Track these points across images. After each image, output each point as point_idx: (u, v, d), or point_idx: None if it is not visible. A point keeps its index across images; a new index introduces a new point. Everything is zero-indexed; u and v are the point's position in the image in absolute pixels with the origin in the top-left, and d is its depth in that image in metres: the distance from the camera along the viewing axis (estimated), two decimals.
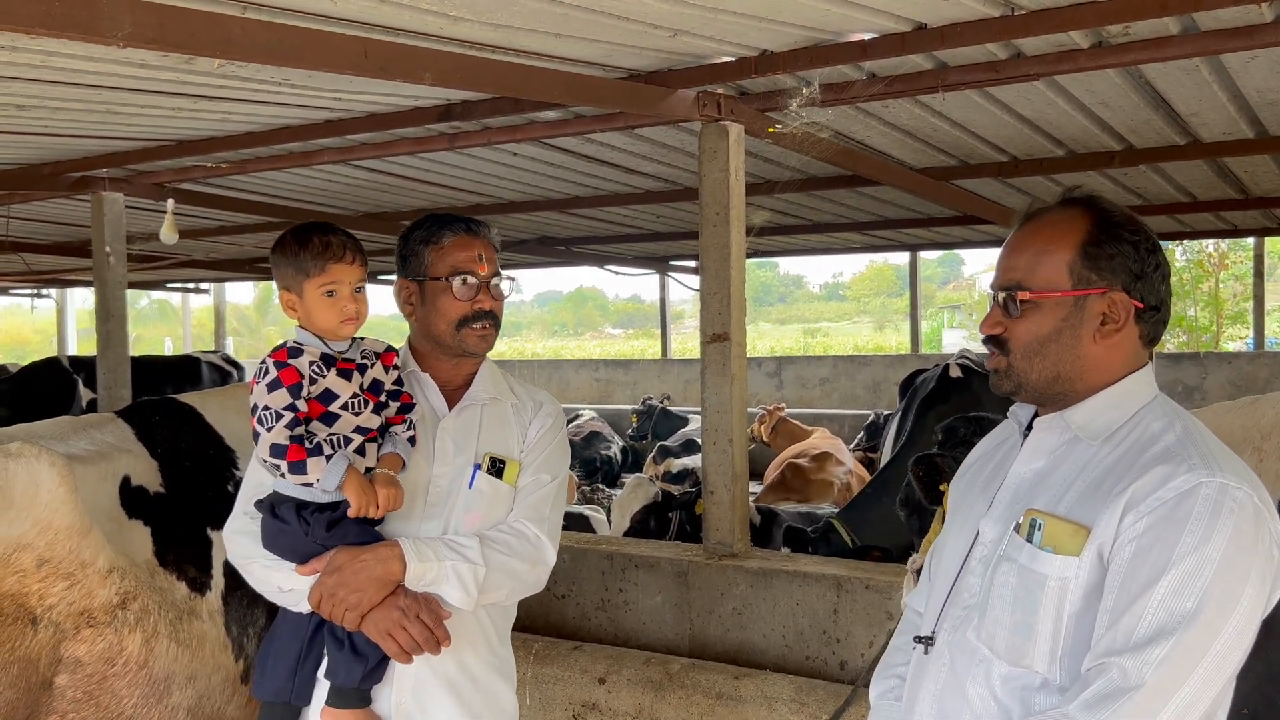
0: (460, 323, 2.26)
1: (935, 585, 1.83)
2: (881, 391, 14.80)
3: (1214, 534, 1.47)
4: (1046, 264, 1.66)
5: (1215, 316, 22.13)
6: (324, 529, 2.07)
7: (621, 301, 48.69)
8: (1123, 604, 1.49)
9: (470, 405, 2.32)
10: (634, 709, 3.66)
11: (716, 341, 4.33)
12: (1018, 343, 1.67)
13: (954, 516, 1.87)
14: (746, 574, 4.01)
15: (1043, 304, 1.65)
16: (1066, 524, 1.57)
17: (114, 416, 2.89)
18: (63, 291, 17.79)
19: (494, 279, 2.30)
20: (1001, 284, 1.70)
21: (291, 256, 2.14)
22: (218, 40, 2.55)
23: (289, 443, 2.03)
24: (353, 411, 2.10)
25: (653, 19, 3.57)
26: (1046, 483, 1.67)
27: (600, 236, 10.60)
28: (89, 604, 2.39)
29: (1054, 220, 1.69)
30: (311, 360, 2.09)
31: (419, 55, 3.20)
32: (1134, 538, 1.50)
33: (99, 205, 6.28)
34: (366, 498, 2.05)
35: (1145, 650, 1.44)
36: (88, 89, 4.39)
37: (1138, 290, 1.66)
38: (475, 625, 2.22)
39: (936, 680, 1.70)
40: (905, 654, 1.89)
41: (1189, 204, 8.52)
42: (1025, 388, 1.69)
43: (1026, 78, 4.18)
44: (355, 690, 2.11)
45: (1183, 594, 1.45)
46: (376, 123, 4.97)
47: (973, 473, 1.90)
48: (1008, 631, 1.60)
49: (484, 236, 2.32)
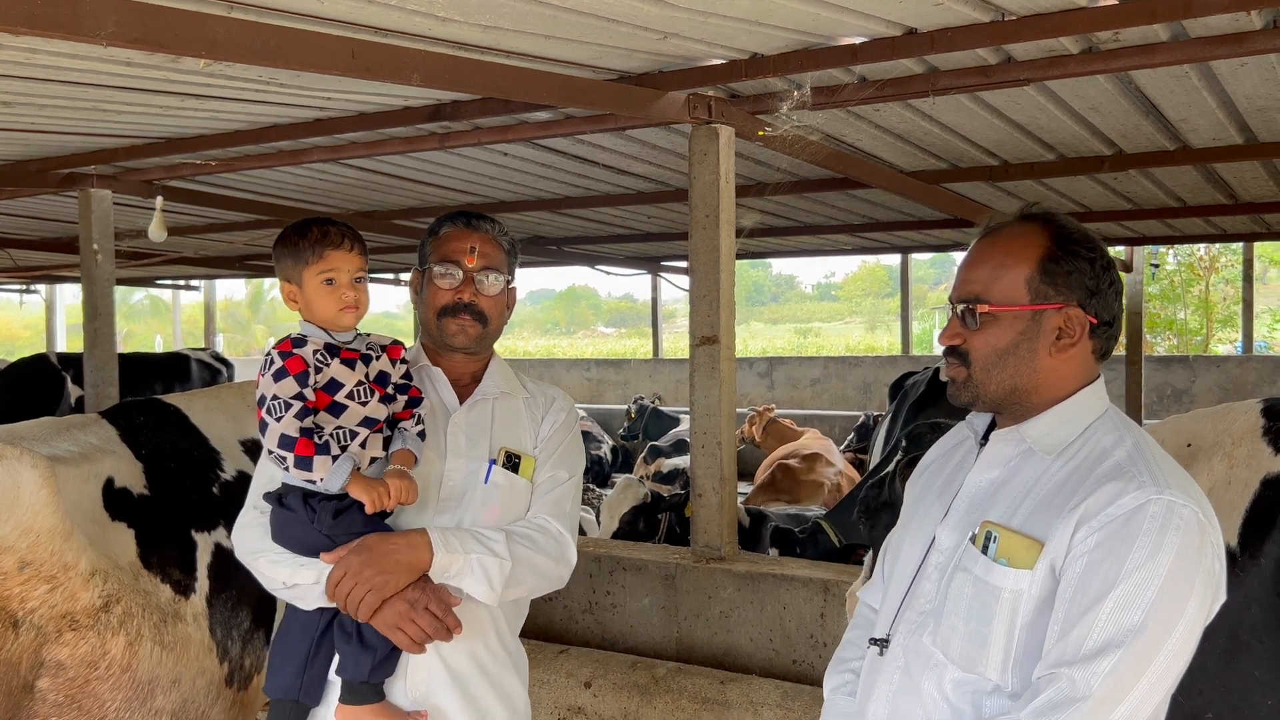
0: (441, 313, 2.26)
1: (891, 586, 1.86)
2: (872, 393, 14.83)
3: (1160, 550, 1.52)
4: (1005, 278, 1.70)
5: (1205, 320, 22.20)
6: (330, 516, 2.06)
7: (614, 300, 48.67)
8: (1073, 616, 1.54)
9: (482, 400, 2.31)
10: (619, 713, 3.65)
11: (706, 344, 4.33)
12: (977, 354, 1.72)
13: (910, 517, 1.91)
14: (734, 577, 4.01)
15: (1001, 317, 1.69)
16: (1021, 537, 1.62)
17: (98, 417, 2.87)
18: (52, 287, 17.73)
19: (484, 273, 2.27)
20: (961, 296, 1.74)
21: (291, 246, 2.15)
22: (203, 40, 2.53)
23: (299, 435, 2.02)
24: (359, 401, 2.10)
25: (642, 21, 3.56)
26: (1001, 494, 1.71)
27: (592, 236, 10.60)
28: (71, 607, 2.38)
29: (1013, 235, 1.73)
30: (315, 349, 2.09)
31: (407, 56, 3.19)
32: (1085, 552, 1.55)
33: (87, 202, 6.25)
34: (375, 492, 2.04)
35: (1093, 662, 1.50)
36: (74, 86, 4.36)
37: (1092, 306, 1.70)
38: (487, 619, 2.21)
39: (890, 682, 1.74)
40: (858, 648, 1.94)
41: (1179, 209, 8.56)
42: (982, 399, 1.74)
43: (1017, 83, 4.19)
44: (366, 685, 2.09)
45: (1130, 608, 1.51)
46: (366, 122, 4.96)
47: (929, 474, 1.94)
48: (962, 639, 1.65)
49: (483, 231, 2.30)
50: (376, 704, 2.10)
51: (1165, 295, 21.67)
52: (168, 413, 2.98)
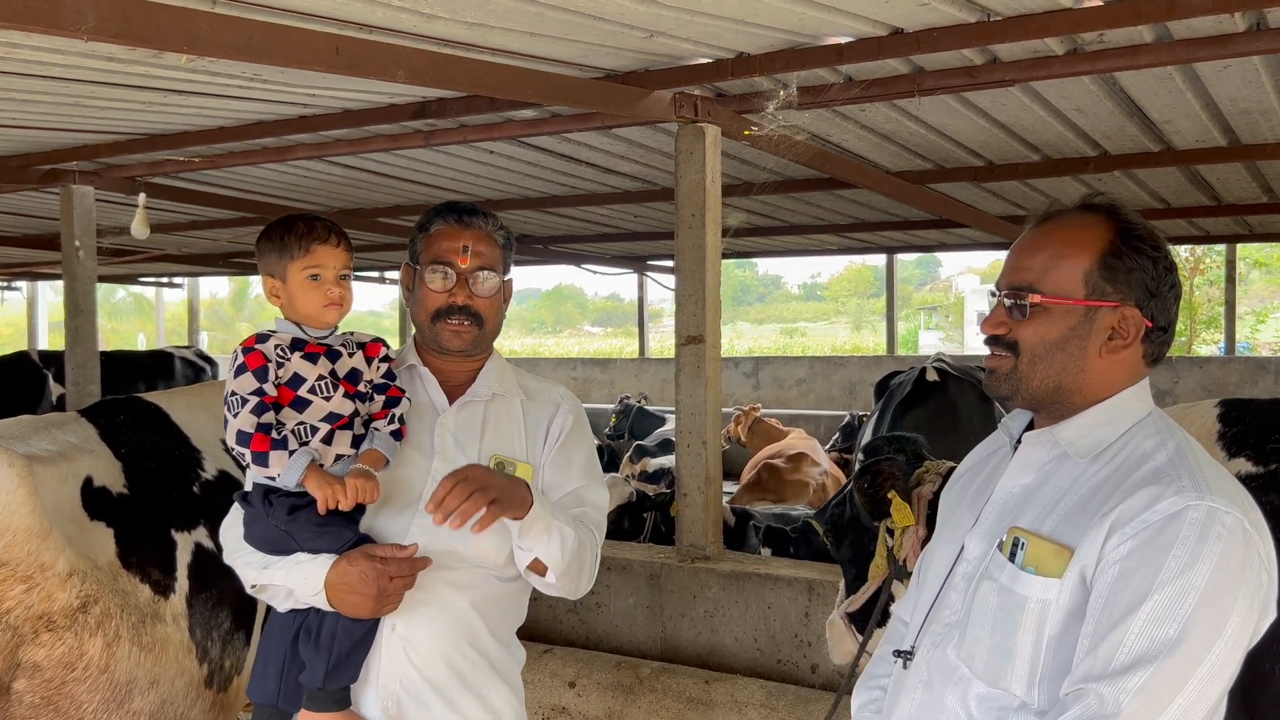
0: (434, 316, 2.18)
1: (920, 597, 1.79)
2: (858, 392, 14.84)
3: (1200, 559, 1.42)
4: (1062, 269, 1.59)
5: (1189, 321, 22.34)
6: (285, 512, 2.02)
7: (601, 299, 48.68)
8: (1103, 629, 1.44)
9: (472, 402, 2.22)
10: (603, 713, 3.64)
11: (691, 344, 4.32)
12: (1026, 345, 1.61)
13: (943, 527, 1.83)
14: (719, 576, 4.00)
15: (1052, 310, 1.59)
16: (1050, 544, 1.53)
17: (77, 416, 2.84)
18: (33, 284, 17.60)
19: (479, 273, 2.18)
20: (1012, 284, 1.63)
21: (276, 240, 2.11)
22: (185, 35, 2.51)
23: (254, 431, 1.99)
24: (322, 396, 2.06)
25: (629, 20, 3.55)
26: (1033, 500, 1.63)
27: (578, 235, 10.58)
28: (48, 608, 2.35)
29: (1074, 224, 1.63)
30: (278, 345, 2.07)
31: (391, 53, 3.17)
32: (1117, 560, 1.46)
33: (68, 199, 6.20)
34: (330, 489, 2.00)
35: (1123, 678, 1.40)
36: (56, 81, 4.33)
37: (1150, 308, 1.60)
38: (463, 624, 2.14)
39: (913, 697, 1.67)
40: (888, 664, 1.85)
41: (1162, 210, 8.60)
42: (1023, 393, 1.63)
43: (1002, 83, 4.20)
44: (324, 691, 2.06)
45: (1165, 621, 1.41)
46: (351, 119, 4.93)
47: (963, 483, 1.85)
48: (986, 652, 1.56)
49: (476, 228, 2.20)
50: (337, 713, 2.05)
51: None
52: (148, 411, 2.95)
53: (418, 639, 2.10)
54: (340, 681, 2.06)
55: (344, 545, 2.05)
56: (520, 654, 2.32)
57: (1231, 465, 2.04)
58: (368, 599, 2.00)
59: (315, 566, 2.03)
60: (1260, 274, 26.57)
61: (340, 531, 2.05)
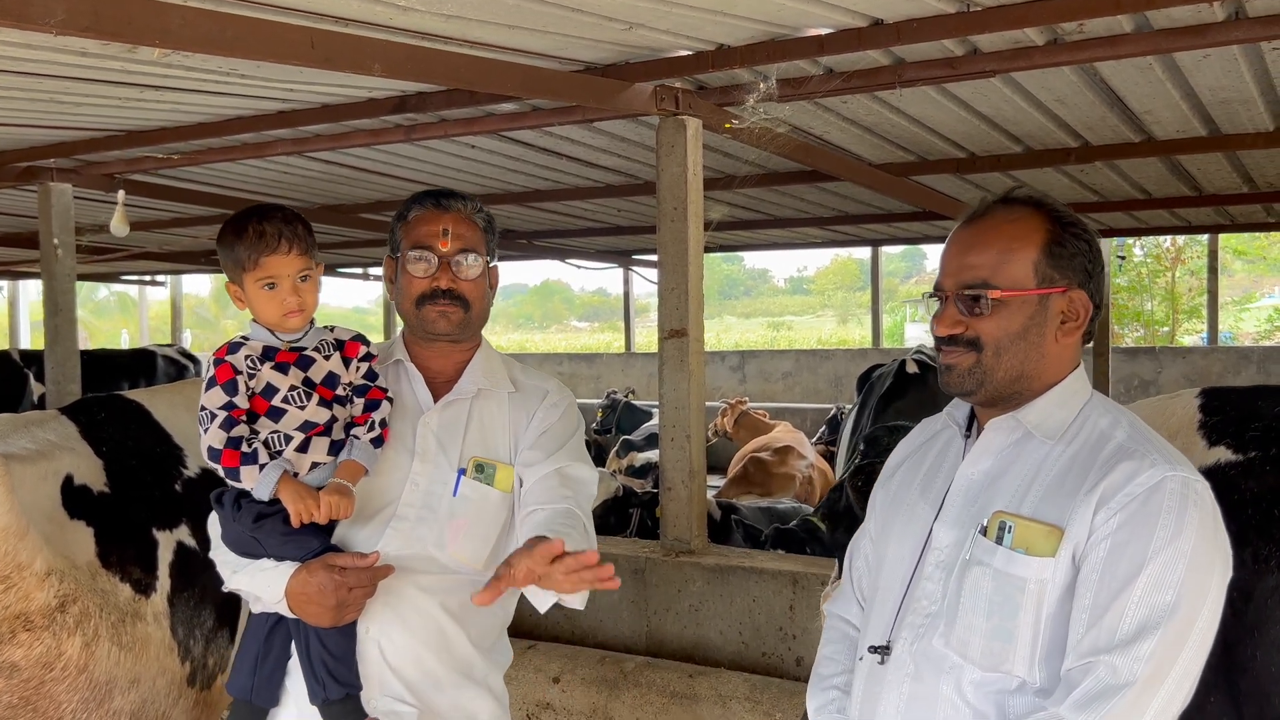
0: (419, 301, 2.13)
1: (878, 593, 1.79)
2: (843, 385, 14.89)
3: (1184, 528, 1.51)
4: (1013, 262, 1.66)
5: (1171, 311, 22.45)
6: (250, 519, 2.01)
7: (587, 294, 48.62)
8: (1103, 601, 1.51)
9: (457, 400, 2.17)
10: (588, 708, 3.64)
11: (674, 337, 4.31)
12: (989, 340, 1.66)
13: (890, 520, 1.84)
14: (703, 570, 4.00)
15: (1010, 302, 1.65)
16: (1038, 525, 1.58)
17: (57, 414, 2.81)
18: (14, 283, 17.47)
19: (461, 255, 2.13)
20: (964, 282, 1.68)
21: (229, 249, 2.05)
22: (156, 29, 2.48)
23: (224, 447, 1.97)
24: (296, 405, 2.02)
25: (607, 12, 3.53)
26: (1001, 484, 1.66)
27: (562, 230, 10.55)
28: (25, 607, 2.33)
29: (1010, 219, 1.69)
30: (249, 354, 2.03)
31: (367, 46, 3.14)
32: (1108, 535, 1.53)
33: (46, 196, 6.15)
34: (304, 503, 1.96)
35: (1133, 646, 1.47)
36: (28, 77, 4.28)
37: (1089, 289, 1.69)
38: (435, 629, 2.10)
39: (900, 691, 1.67)
40: (838, 664, 1.88)
41: (1144, 200, 8.63)
42: (987, 385, 1.68)
43: (983, 74, 4.20)
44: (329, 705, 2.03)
45: (1161, 588, 1.49)
46: (330, 114, 4.90)
47: (903, 474, 1.88)
48: (983, 638, 1.59)
49: (455, 211, 2.16)
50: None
51: (1133, 287, 21.89)
52: (129, 409, 2.93)
53: (393, 643, 2.08)
54: (339, 690, 2.03)
55: (309, 554, 2.02)
56: (506, 656, 2.29)
57: (1211, 454, 2.05)
58: (327, 609, 1.98)
59: (278, 574, 2.02)
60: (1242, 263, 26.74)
61: (307, 540, 2.03)
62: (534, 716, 3.73)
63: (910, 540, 1.75)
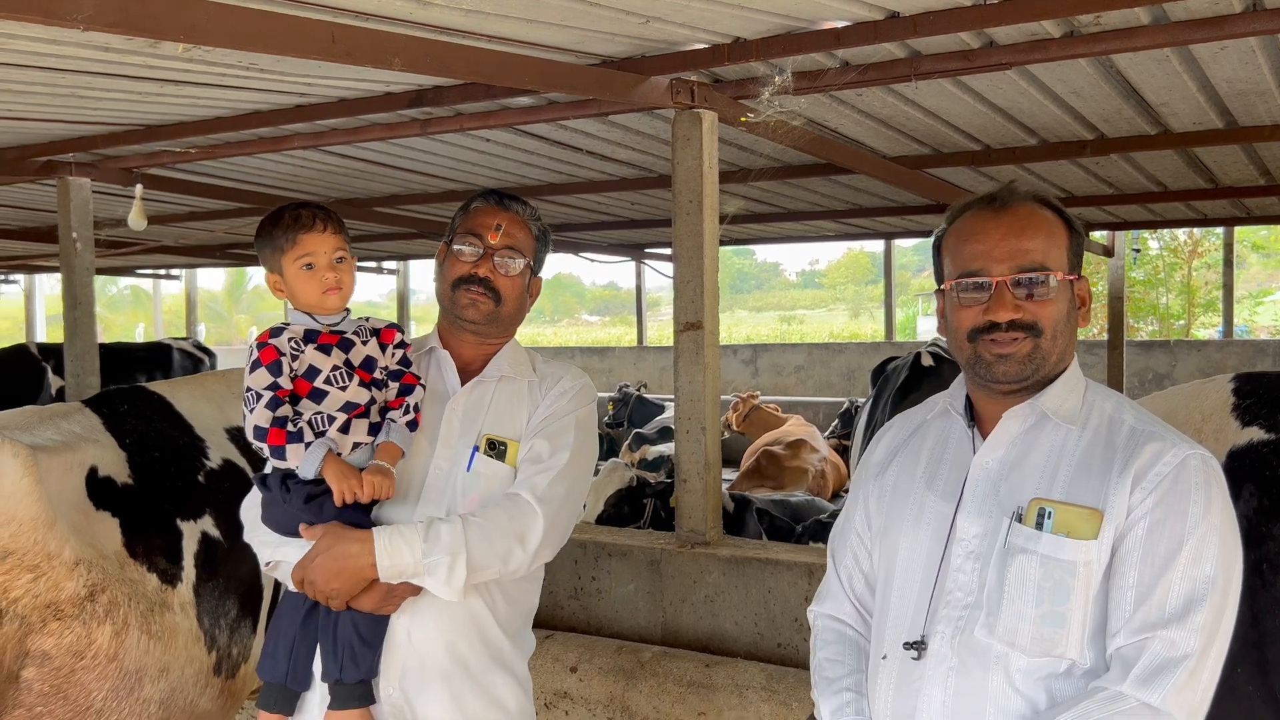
0: (455, 284, 2.21)
1: (894, 587, 1.78)
2: (856, 379, 14.88)
3: (1212, 502, 1.58)
4: (1056, 248, 1.71)
5: (1187, 305, 22.35)
6: (301, 500, 2.06)
7: (598, 288, 48.66)
8: (1148, 579, 1.56)
9: (482, 383, 2.24)
10: (605, 697, 3.67)
11: (690, 330, 4.33)
12: (1048, 324, 1.69)
13: (894, 515, 1.82)
14: (719, 562, 4.02)
15: (1060, 286, 1.71)
16: (1077, 509, 1.61)
17: (81, 406, 2.85)
18: (31, 277, 17.58)
19: (506, 251, 2.21)
20: (1024, 266, 1.68)
21: (267, 237, 2.14)
22: (182, 24, 2.51)
23: (270, 425, 2.03)
24: (338, 386, 2.09)
25: (625, 5, 3.55)
26: (1022, 471, 1.67)
27: (575, 224, 10.57)
28: (55, 596, 2.37)
29: (1036, 210, 1.74)
30: (292, 337, 2.09)
31: (387, 40, 3.17)
32: (1145, 514, 1.58)
33: (65, 190, 6.19)
34: (347, 483, 2.02)
35: (1187, 619, 1.53)
36: (51, 72, 4.32)
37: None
38: (466, 614, 2.12)
39: (944, 685, 1.65)
40: (843, 665, 1.86)
41: (1160, 193, 8.60)
42: (1043, 370, 1.70)
43: (999, 67, 4.20)
44: (342, 685, 2.06)
45: (1201, 561, 1.55)
46: (347, 108, 4.93)
47: (899, 467, 1.86)
48: (1033, 624, 1.60)
49: (513, 211, 2.26)
50: (357, 710, 2.06)
51: (1149, 280, 21.80)
52: (152, 401, 2.96)
53: (422, 627, 2.11)
54: (356, 674, 2.06)
55: None
56: (529, 644, 2.32)
57: (1244, 434, 2.10)
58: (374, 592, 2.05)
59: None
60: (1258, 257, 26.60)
61: (355, 519, 2.08)
62: (552, 705, 3.75)
63: (926, 533, 1.74)
